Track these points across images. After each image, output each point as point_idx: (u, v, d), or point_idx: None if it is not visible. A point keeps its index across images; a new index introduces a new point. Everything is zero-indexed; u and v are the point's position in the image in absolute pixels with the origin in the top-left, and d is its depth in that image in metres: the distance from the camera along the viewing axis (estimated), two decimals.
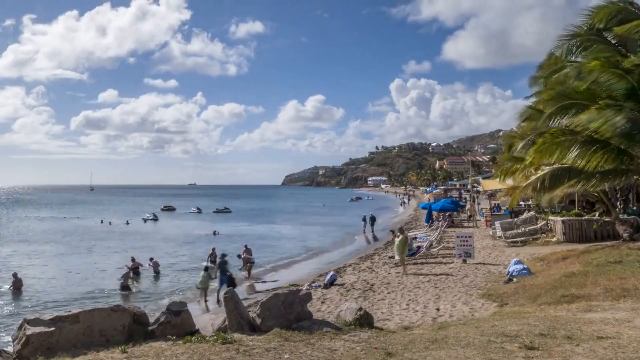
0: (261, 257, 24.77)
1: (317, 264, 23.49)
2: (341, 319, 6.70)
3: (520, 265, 12.88)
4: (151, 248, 29.09)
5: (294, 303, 6.39)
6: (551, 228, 21.37)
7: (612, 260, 11.84)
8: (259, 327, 6.09)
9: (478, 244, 20.88)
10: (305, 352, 5.06)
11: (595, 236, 19.11)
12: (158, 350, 4.98)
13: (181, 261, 25.07)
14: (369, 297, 13.07)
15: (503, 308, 9.42)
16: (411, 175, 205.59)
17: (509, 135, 29.11)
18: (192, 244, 32.05)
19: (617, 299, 8.07)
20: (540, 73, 19.73)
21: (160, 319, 5.89)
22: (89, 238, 35.93)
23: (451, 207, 34.69)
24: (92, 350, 5.08)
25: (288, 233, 39.85)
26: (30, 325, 5.25)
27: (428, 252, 19.43)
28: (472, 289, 12.21)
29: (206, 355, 4.82)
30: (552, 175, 14.34)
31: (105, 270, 22.36)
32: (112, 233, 40.22)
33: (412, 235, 22.79)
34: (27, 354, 5.05)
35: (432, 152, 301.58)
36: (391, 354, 5.07)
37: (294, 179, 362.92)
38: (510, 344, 5.27)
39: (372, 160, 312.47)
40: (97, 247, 31.15)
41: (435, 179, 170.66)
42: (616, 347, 5.01)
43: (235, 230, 41.36)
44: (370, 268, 18.68)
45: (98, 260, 25.50)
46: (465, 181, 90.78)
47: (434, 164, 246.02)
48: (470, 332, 6.09)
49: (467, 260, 16.65)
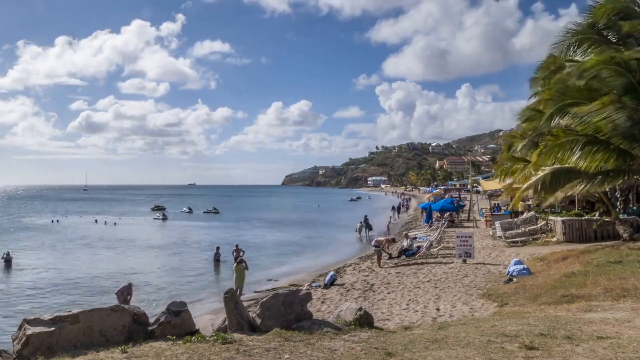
0: (258, 257, 24.83)
1: (317, 264, 23.49)
2: (341, 319, 6.70)
3: (520, 265, 12.89)
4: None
5: (294, 303, 6.38)
6: (551, 228, 21.37)
7: (612, 260, 11.83)
8: (259, 327, 6.09)
9: (478, 244, 20.88)
10: (305, 352, 5.06)
11: (595, 236, 19.11)
12: (158, 350, 4.98)
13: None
14: (369, 297, 13.07)
15: (503, 308, 9.43)
16: (411, 175, 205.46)
17: (509, 135, 29.11)
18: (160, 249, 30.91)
19: (617, 299, 8.07)
20: (539, 74, 19.71)
21: (160, 319, 5.89)
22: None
23: (451, 207, 34.73)
24: (92, 350, 5.07)
25: (273, 238, 37.19)
26: (30, 325, 5.24)
27: (428, 252, 19.44)
28: (472, 289, 12.21)
29: (206, 355, 4.82)
30: (553, 176, 14.33)
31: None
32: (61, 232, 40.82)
33: (412, 235, 22.79)
34: (27, 354, 5.05)
35: (432, 152, 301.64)
36: (391, 354, 5.07)
37: (294, 179, 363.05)
38: (510, 344, 5.27)
39: (372, 160, 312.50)
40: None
41: (435, 179, 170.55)
42: (616, 347, 5.00)
43: (219, 234, 39.98)
44: (370, 268, 18.68)
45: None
46: (465, 181, 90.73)
47: (434, 164, 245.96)
48: (470, 332, 6.08)
49: (467, 260, 16.66)
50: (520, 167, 17.85)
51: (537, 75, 20.19)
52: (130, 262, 25.54)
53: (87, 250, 29.91)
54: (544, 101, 16.99)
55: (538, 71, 19.87)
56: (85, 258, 26.88)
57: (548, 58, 18.08)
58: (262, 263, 24.80)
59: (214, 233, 40.33)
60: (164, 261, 26.02)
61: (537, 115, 17.76)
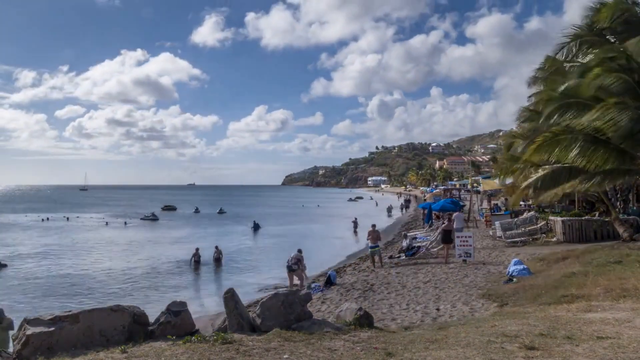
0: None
1: (317, 264, 23.47)
2: (341, 319, 6.70)
3: (520, 265, 12.88)
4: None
5: (294, 303, 6.39)
6: (551, 228, 21.36)
7: (612, 260, 11.82)
8: (259, 327, 6.09)
9: (478, 244, 20.88)
10: (305, 352, 5.06)
11: (595, 236, 19.10)
12: (158, 351, 4.98)
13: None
14: (369, 297, 13.06)
15: (503, 308, 9.42)
16: (411, 175, 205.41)
17: (509, 135, 29.13)
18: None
19: (617, 299, 8.06)
20: (539, 74, 19.72)
21: (160, 319, 5.89)
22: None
23: (451, 207, 34.68)
24: (92, 350, 5.07)
25: (273, 238, 37.24)
26: (30, 325, 5.24)
27: (428, 252, 19.43)
28: (472, 289, 12.20)
29: (206, 355, 4.82)
30: (553, 174, 14.33)
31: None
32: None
33: (412, 235, 22.79)
34: (27, 354, 5.05)
35: (432, 152, 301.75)
36: (391, 354, 5.06)
37: (294, 179, 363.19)
38: (510, 344, 5.27)
39: (372, 160, 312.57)
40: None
41: (435, 179, 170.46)
42: (616, 347, 5.00)
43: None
44: (370, 268, 18.66)
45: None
46: (465, 181, 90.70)
47: (434, 164, 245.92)
48: (470, 332, 6.08)
49: (467, 260, 16.65)
50: (520, 167, 17.85)
51: (536, 76, 20.20)
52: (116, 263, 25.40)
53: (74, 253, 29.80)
54: (543, 102, 16.99)
55: (537, 72, 19.88)
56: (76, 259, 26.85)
57: (547, 60, 18.10)
58: (262, 263, 24.83)
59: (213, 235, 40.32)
60: (165, 261, 26.02)
61: (536, 115, 17.78)
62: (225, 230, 43.28)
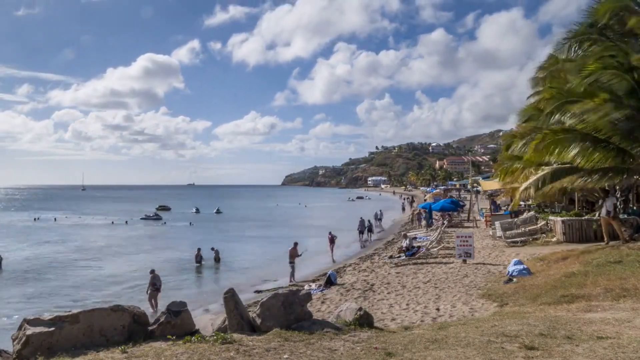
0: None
1: (316, 264, 23.48)
2: (341, 319, 6.69)
3: (520, 265, 12.87)
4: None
5: (294, 303, 6.38)
6: (551, 228, 21.35)
7: (612, 260, 11.81)
8: (259, 327, 6.09)
9: (478, 244, 20.87)
10: (305, 352, 5.05)
11: (595, 236, 19.06)
12: (158, 351, 4.98)
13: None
14: (369, 297, 13.06)
15: (503, 308, 9.41)
16: (411, 175, 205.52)
17: (509, 134, 29.09)
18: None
19: (617, 299, 8.06)
20: (540, 73, 19.72)
21: (160, 319, 5.88)
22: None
23: (451, 207, 34.70)
24: (92, 350, 5.07)
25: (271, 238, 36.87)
26: (30, 325, 5.24)
27: (428, 252, 19.43)
28: (472, 289, 12.20)
29: (206, 355, 4.82)
30: (553, 174, 14.32)
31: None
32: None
33: (412, 235, 22.79)
34: (27, 354, 5.04)
35: (432, 152, 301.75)
36: (391, 354, 5.06)
37: (293, 179, 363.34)
38: (510, 344, 5.27)
39: (372, 161, 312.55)
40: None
41: (435, 179, 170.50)
42: (616, 347, 5.00)
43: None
44: (370, 268, 18.68)
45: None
46: (465, 181, 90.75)
47: (434, 164, 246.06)
48: (470, 332, 6.08)
49: (467, 260, 16.65)
50: (520, 166, 17.84)
51: (537, 75, 20.20)
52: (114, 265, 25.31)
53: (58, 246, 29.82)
54: (544, 100, 16.99)
55: (538, 71, 19.89)
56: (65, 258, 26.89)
57: (549, 58, 18.09)
58: (262, 263, 24.84)
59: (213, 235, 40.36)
60: (164, 261, 26.02)
61: (537, 114, 17.76)
62: (221, 230, 43.37)
